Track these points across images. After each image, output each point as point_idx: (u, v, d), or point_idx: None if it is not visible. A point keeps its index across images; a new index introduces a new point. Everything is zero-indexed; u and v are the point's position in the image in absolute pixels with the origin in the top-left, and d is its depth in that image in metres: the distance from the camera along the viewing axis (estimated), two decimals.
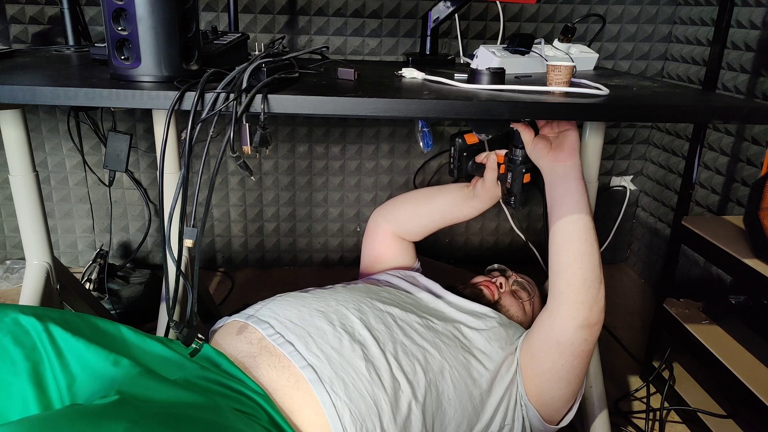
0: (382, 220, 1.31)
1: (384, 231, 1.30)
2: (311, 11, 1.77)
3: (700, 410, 1.33)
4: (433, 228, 1.28)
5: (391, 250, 1.30)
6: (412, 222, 1.28)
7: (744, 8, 1.56)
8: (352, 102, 0.78)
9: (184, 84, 0.75)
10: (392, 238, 1.30)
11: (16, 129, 1.14)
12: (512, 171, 1.10)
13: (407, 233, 1.30)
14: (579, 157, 1.00)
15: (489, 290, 1.20)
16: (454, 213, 1.24)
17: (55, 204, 1.90)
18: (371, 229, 1.33)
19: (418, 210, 1.27)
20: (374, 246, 1.31)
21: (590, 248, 0.99)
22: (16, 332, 0.75)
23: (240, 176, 1.94)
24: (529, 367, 1.01)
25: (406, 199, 1.31)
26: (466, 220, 1.25)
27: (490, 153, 1.16)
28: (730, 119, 0.92)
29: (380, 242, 1.31)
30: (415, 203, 1.28)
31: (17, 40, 1.69)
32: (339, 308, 0.95)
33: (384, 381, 0.85)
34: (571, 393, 1.03)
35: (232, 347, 0.88)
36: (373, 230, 1.32)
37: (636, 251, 2.15)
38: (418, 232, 1.30)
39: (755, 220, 1.17)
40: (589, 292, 0.97)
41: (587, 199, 1.00)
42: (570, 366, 0.99)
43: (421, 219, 1.27)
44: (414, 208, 1.28)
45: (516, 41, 1.11)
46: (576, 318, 0.97)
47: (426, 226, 1.28)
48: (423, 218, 1.27)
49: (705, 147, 1.71)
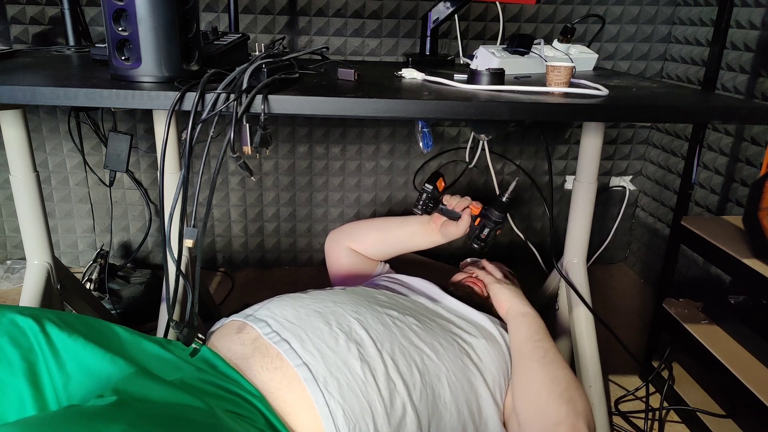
0: (343, 239, 1.37)
1: (347, 249, 1.36)
2: (311, 12, 1.77)
3: (700, 410, 1.33)
4: (392, 255, 1.37)
5: (360, 261, 1.35)
6: (376, 247, 1.36)
7: (743, 8, 1.57)
8: (352, 102, 0.78)
9: (184, 84, 0.76)
10: (355, 254, 1.36)
11: (17, 129, 1.15)
12: (488, 227, 1.25)
13: (367, 253, 1.36)
14: (511, 299, 1.11)
15: (477, 286, 1.23)
16: (416, 243, 1.33)
17: (55, 204, 1.90)
18: (332, 251, 1.38)
19: (384, 238, 1.35)
20: (339, 263, 1.36)
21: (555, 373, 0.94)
22: (13, 333, 0.75)
23: (240, 176, 1.94)
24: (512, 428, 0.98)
25: (370, 225, 1.38)
26: (423, 249, 1.35)
27: (462, 201, 1.26)
28: (729, 119, 0.93)
29: (345, 257, 1.36)
30: (380, 231, 1.36)
31: (18, 40, 1.70)
32: (336, 309, 0.95)
33: (379, 381, 0.85)
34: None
35: (227, 349, 0.88)
36: (335, 249, 1.37)
37: (635, 251, 2.15)
38: (378, 256, 1.37)
39: (755, 220, 1.17)
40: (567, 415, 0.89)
41: (543, 325, 1.05)
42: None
43: (384, 246, 1.35)
44: (379, 236, 1.35)
45: (515, 42, 1.12)
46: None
47: (387, 252, 1.36)
48: (386, 245, 1.35)
49: (704, 147, 1.71)
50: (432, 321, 1.01)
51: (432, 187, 1.27)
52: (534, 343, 1.00)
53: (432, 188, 1.27)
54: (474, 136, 1.91)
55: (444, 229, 1.27)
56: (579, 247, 1.38)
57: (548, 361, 0.97)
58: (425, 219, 1.31)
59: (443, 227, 1.27)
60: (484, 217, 1.25)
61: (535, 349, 0.99)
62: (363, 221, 1.41)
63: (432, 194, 1.27)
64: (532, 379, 0.95)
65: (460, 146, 1.95)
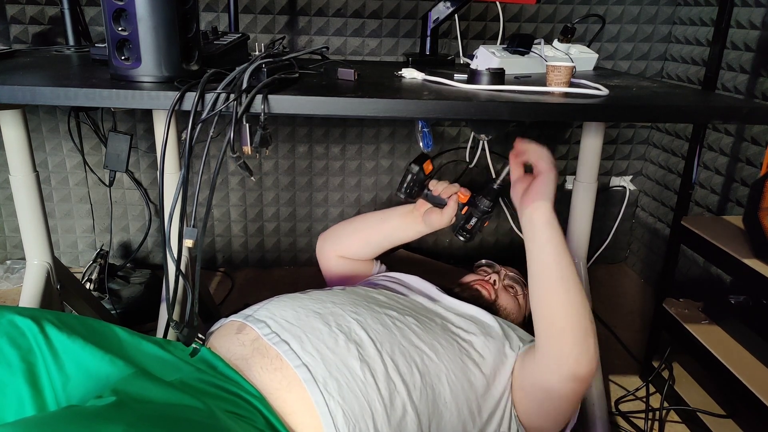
0: (329, 247, 1.33)
1: (336, 257, 1.32)
2: (311, 12, 1.77)
3: (700, 410, 1.33)
4: (381, 252, 1.31)
5: (353, 265, 1.32)
6: (361, 250, 1.31)
7: (744, 8, 1.57)
8: (352, 102, 0.78)
9: (184, 84, 0.76)
10: (344, 260, 1.32)
11: (17, 129, 1.14)
12: (477, 217, 1.15)
13: (355, 255, 1.32)
14: (549, 201, 0.96)
15: (486, 290, 1.21)
16: (401, 237, 1.26)
17: (55, 204, 1.90)
18: (324, 259, 1.34)
19: (367, 238, 1.29)
20: (332, 272, 1.33)
21: (565, 297, 0.92)
22: (13, 334, 0.75)
23: (240, 176, 1.94)
24: (518, 397, 0.99)
25: (353, 228, 1.32)
26: (409, 241, 1.28)
27: (449, 187, 1.16)
28: (729, 119, 0.93)
29: (335, 266, 1.33)
30: (363, 232, 1.30)
31: (18, 40, 1.69)
32: (336, 310, 0.95)
33: (379, 382, 0.85)
34: (560, 423, 1.01)
35: (226, 349, 0.88)
36: (326, 259, 1.34)
37: (635, 251, 2.15)
38: (367, 257, 1.32)
39: (755, 220, 1.17)
40: (574, 342, 0.91)
41: (564, 244, 0.95)
42: (559, 408, 0.97)
43: (370, 247, 1.30)
44: (362, 237, 1.30)
45: (516, 42, 1.12)
46: (561, 371, 0.91)
47: (375, 252, 1.30)
48: (371, 246, 1.30)
49: (704, 147, 1.71)
50: (431, 321, 1.01)
51: (418, 169, 1.17)
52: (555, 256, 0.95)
53: (418, 170, 1.17)
54: (474, 136, 1.91)
55: (427, 217, 1.18)
56: (579, 247, 1.38)
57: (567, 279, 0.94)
58: (408, 209, 1.23)
59: (426, 215, 1.18)
60: (472, 205, 1.15)
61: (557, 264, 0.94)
62: (345, 223, 1.34)
63: (417, 177, 1.17)
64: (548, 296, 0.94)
65: (460, 146, 1.95)
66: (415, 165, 1.17)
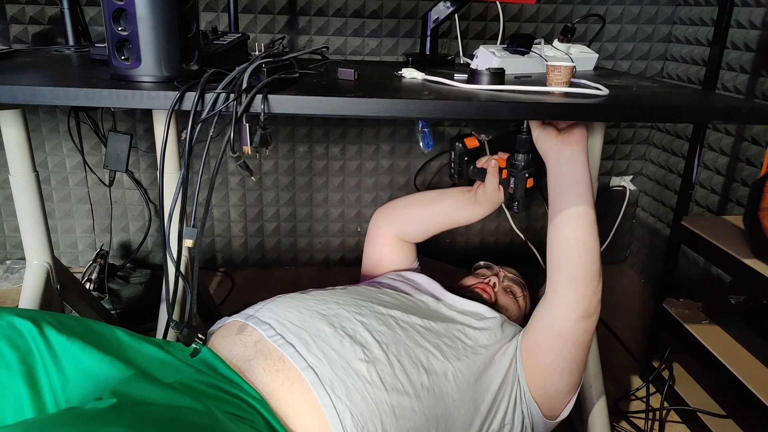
0: (383, 223, 1.31)
1: (386, 234, 1.31)
2: (311, 11, 1.77)
3: (700, 410, 1.33)
4: (435, 231, 1.28)
5: (393, 252, 1.31)
6: (414, 226, 1.29)
7: (744, 8, 1.57)
8: (352, 102, 0.78)
9: (184, 84, 0.75)
10: (394, 241, 1.30)
11: (17, 129, 1.14)
12: (515, 176, 1.08)
13: (409, 236, 1.30)
14: (587, 149, 0.99)
15: (486, 293, 1.21)
16: (456, 217, 1.24)
17: (55, 204, 1.90)
18: (373, 232, 1.33)
19: (420, 214, 1.27)
20: (376, 249, 1.32)
21: (594, 242, 0.99)
22: (12, 335, 0.75)
23: (240, 176, 1.94)
24: (532, 361, 1.02)
25: (408, 202, 1.30)
26: (468, 224, 1.25)
27: (491, 157, 1.14)
28: (729, 119, 0.93)
29: (382, 245, 1.31)
30: (417, 207, 1.28)
31: (17, 40, 1.69)
32: (340, 311, 0.95)
33: (386, 383, 0.85)
34: (573, 384, 1.04)
35: (228, 350, 0.88)
36: (374, 233, 1.33)
37: (636, 251, 2.15)
38: (419, 236, 1.30)
39: (755, 220, 1.17)
40: (590, 284, 0.99)
41: (592, 191, 0.99)
42: (572, 356, 1.00)
43: (422, 223, 1.28)
44: (415, 213, 1.28)
45: (516, 41, 1.11)
46: (577, 310, 0.98)
47: (428, 230, 1.28)
48: (425, 222, 1.27)
49: (705, 147, 1.71)
50: (436, 320, 1.02)
51: (461, 145, 1.12)
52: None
53: (461, 146, 1.12)
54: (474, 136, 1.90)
55: (477, 195, 1.15)
56: None
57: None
58: (465, 189, 1.21)
59: (477, 193, 1.15)
60: (511, 166, 1.07)
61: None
62: (402, 198, 1.31)
63: (460, 153, 1.11)
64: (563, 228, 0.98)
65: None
66: (459, 142, 1.12)
